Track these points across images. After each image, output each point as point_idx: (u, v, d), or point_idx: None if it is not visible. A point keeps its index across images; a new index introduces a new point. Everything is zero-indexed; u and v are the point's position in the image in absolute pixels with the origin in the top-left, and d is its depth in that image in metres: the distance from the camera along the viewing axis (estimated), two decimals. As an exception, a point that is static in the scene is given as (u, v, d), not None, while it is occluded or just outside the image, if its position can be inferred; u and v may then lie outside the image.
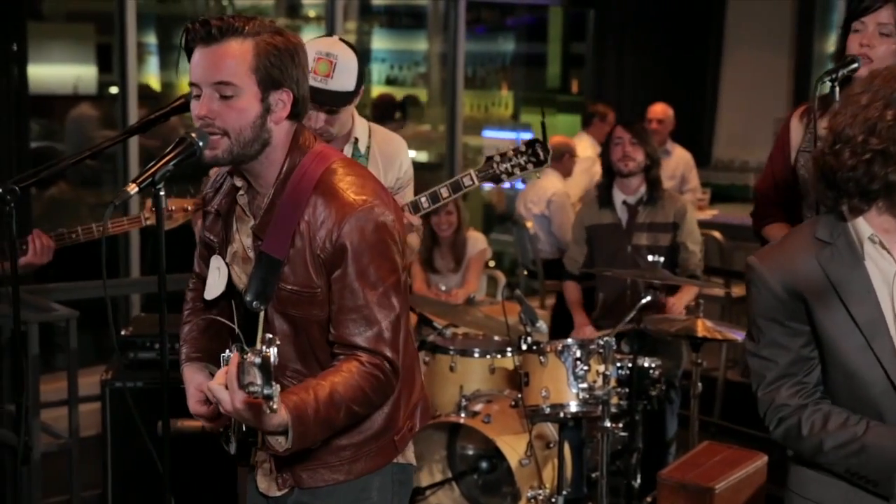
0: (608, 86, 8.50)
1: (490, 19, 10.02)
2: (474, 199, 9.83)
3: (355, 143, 3.28)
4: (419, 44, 10.28)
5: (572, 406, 4.14)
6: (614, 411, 4.25)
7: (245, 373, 2.08)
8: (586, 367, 4.12)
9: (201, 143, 2.37)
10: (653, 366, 4.50)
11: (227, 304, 2.64)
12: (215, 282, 2.62)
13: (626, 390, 4.33)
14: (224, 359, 2.33)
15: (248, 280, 2.50)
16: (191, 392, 2.60)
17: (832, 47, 8.40)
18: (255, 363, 2.04)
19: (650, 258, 4.60)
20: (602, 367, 4.12)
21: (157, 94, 7.73)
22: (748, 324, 2.44)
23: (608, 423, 4.15)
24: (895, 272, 2.28)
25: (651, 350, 4.74)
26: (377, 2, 9.71)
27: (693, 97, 8.63)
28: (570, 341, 4.22)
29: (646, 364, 4.47)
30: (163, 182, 2.35)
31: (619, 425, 4.38)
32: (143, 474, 3.05)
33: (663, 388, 4.54)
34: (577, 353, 4.14)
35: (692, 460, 3.94)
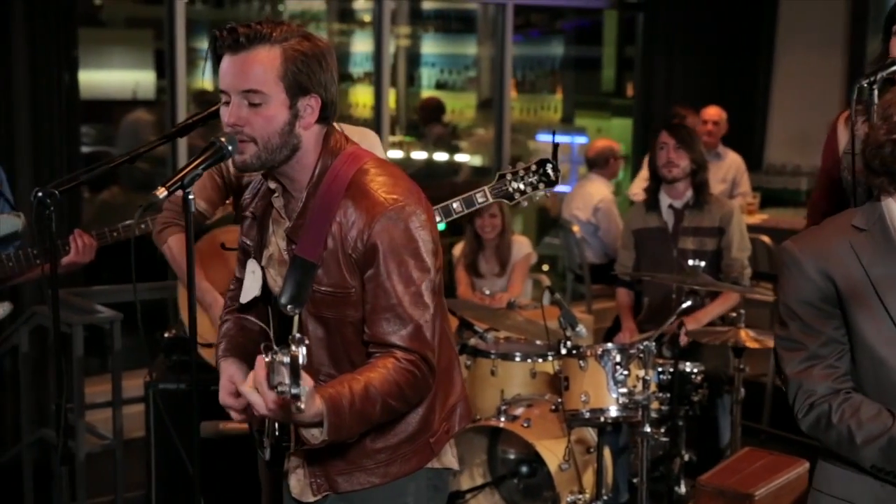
0: (657, 89, 8.43)
1: (541, 23, 10.00)
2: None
3: None
4: (469, 48, 10.29)
5: (612, 411, 4.12)
6: (655, 416, 4.23)
7: (275, 372, 2.09)
8: (626, 372, 4.11)
9: (230, 148, 2.39)
10: (695, 370, 4.47)
11: (264, 307, 2.66)
12: (251, 285, 2.64)
13: (667, 395, 4.30)
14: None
15: (282, 283, 2.51)
16: (222, 383, 2.61)
17: (887, 49, 8.27)
18: (284, 362, 2.06)
19: (690, 262, 4.57)
20: (642, 372, 4.11)
21: (213, 99, 7.80)
22: (779, 309, 2.43)
23: (648, 429, 4.13)
24: None
25: (694, 354, 4.71)
26: (427, 6, 9.73)
27: (744, 100, 8.54)
28: (609, 346, 4.21)
29: (687, 369, 4.44)
30: (192, 186, 2.38)
31: (661, 430, 4.36)
32: (187, 475, 3.08)
33: (706, 393, 4.51)
34: (617, 358, 4.12)
35: (732, 466, 3.90)
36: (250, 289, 2.65)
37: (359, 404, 2.32)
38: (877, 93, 3.15)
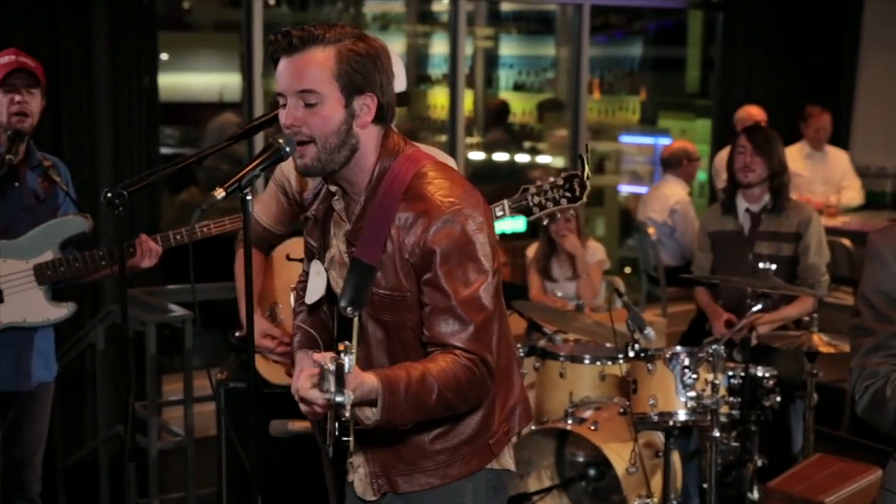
0: (738, 90, 8.32)
1: (620, 24, 9.94)
2: (610, 204, 9.76)
3: None
4: (547, 49, 10.26)
5: (680, 415, 4.08)
6: (724, 421, 4.18)
7: (324, 379, 2.15)
8: (695, 376, 4.06)
9: (288, 149, 2.42)
10: (766, 375, 4.41)
11: (330, 306, 2.69)
12: (315, 287, 2.67)
13: (738, 400, 4.25)
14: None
15: (342, 285, 2.53)
16: (296, 374, 2.62)
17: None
18: (331, 370, 2.11)
19: (761, 266, 4.50)
20: (711, 376, 4.06)
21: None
22: (857, 300, 2.43)
23: (717, 433, 4.08)
24: None
25: (767, 359, 4.65)
26: (506, 8, 9.72)
27: (827, 101, 8.39)
28: (678, 349, 4.17)
29: (759, 373, 4.38)
30: (250, 187, 2.41)
31: (732, 435, 4.30)
32: (258, 473, 3.10)
33: (777, 398, 4.44)
34: (686, 362, 4.08)
35: (803, 472, 3.86)
36: (315, 290, 2.67)
37: (415, 388, 2.34)
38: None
